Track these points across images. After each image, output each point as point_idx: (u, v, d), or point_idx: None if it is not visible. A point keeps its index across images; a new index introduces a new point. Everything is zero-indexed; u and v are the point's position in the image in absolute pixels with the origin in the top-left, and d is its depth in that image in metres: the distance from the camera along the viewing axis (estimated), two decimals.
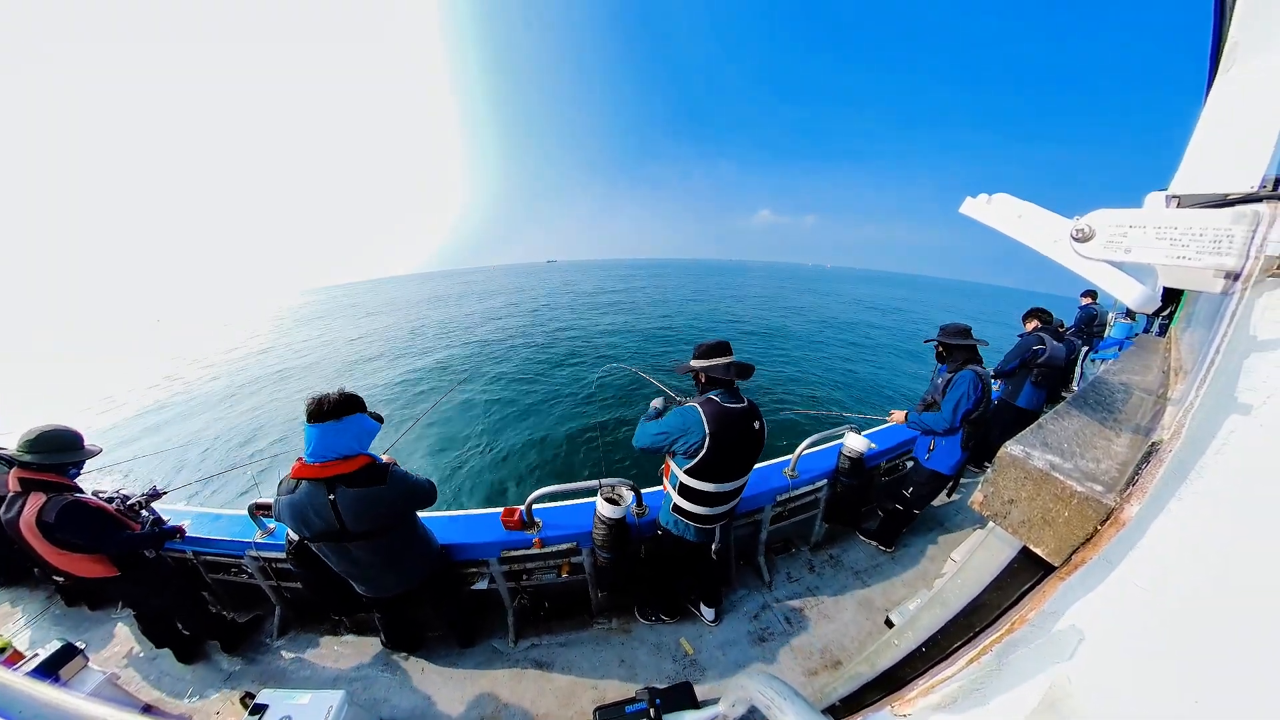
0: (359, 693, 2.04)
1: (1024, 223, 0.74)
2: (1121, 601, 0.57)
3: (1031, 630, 0.66)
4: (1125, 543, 0.56)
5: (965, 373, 2.37)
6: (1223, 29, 0.62)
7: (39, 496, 1.70)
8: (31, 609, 2.57)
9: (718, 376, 1.72)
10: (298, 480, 1.48)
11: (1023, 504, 0.61)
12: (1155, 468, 0.55)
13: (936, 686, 0.79)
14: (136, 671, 2.19)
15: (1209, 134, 0.61)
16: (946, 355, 2.51)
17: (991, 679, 0.70)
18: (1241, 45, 0.57)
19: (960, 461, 2.50)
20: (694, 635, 2.26)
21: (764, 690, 0.68)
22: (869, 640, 2.22)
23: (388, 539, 1.65)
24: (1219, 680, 0.48)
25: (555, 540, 2.11)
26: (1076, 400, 0.86)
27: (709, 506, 1.82)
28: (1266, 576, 0.47)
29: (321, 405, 1.45)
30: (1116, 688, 0.56)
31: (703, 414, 1.66)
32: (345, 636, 2.31)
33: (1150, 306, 0.64)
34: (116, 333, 45.45)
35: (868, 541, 2.87)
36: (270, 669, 2.19)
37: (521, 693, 2.01)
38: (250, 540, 2.21)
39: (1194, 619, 0.51)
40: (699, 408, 1.68)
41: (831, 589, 2.54)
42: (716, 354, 1.75)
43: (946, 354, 2.51)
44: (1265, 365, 0.50)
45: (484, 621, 2.32)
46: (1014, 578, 0.69)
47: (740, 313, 23.03)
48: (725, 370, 1.71)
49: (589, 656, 2.17)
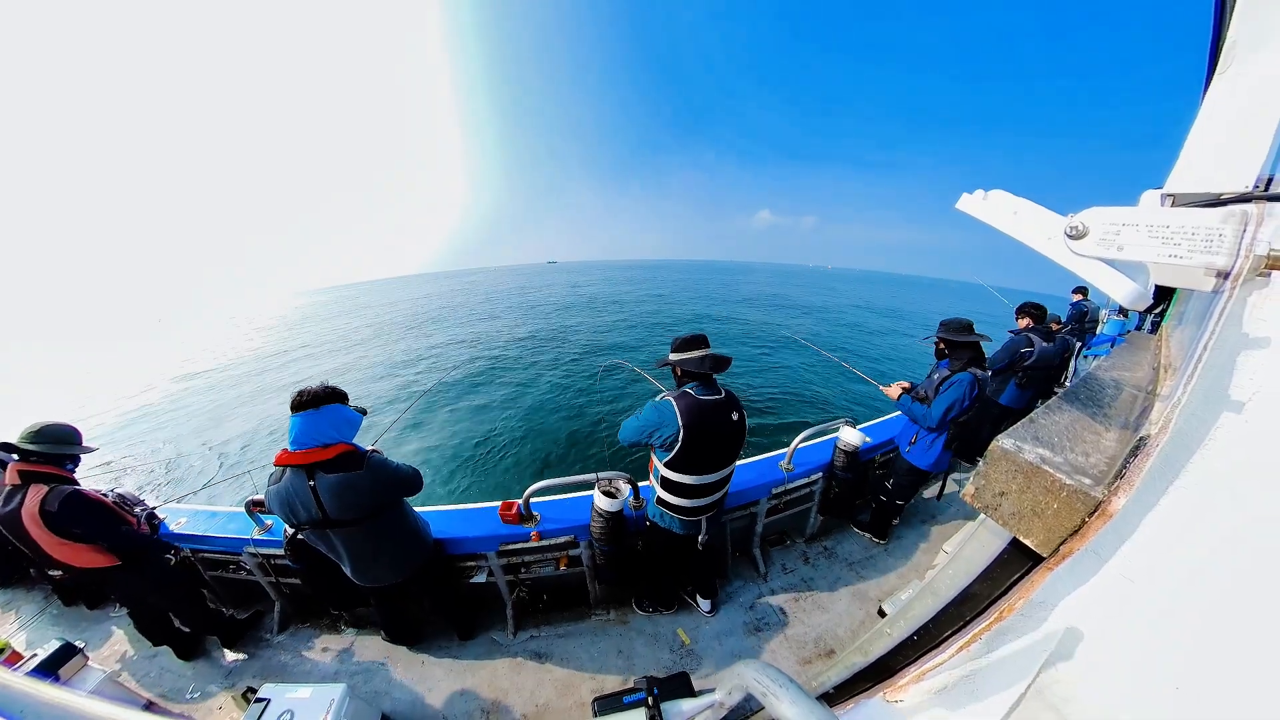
0: (360, 686, 2.06)
1: (1019, 219, 0.75)
2: (1107, 590, 0.58)
3: (1020, 619, 0.68)
4: (1112, 534, 0.57)
5: (965, 375, 2.25)
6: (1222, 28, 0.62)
7: (40, 488, 1.74)
8: (29, 610, 2.56)
9: (692, 370, 1.73)
10: (282, 469, 1.54)
11: (1013, 496, 0.63)
12: (1143, 461, 0.56)
13: (927, 674, 0.81)
14: (137, 669, 2.19)
15: (1205, 133, 0.62)
16: (949, 352, 2.37)
17: (981, 666, 0.72)
18: (1240, 45, 0.58)
19: (938, 459, 2.44)
20: (691, 626, 2.30)
21: (759, 678, 0.69)
22: (862, 630, 2.27)
23: (372, 526, 1.67)
24: (1200, 666, 0.50)
25: (553, 533, 2.12)
26: (1068, 395, 0.88)
27: (691, 499, 1.83)
28: (1249, 566, 0.48)
29: (302, 396, 1.53)
30: (1102, 673, 0.58)
31: (676, 407, 1.67)
32: (345, 631, 2.33)
33: (1142, 304, 0.65)
34: (115, 333, 44.66)
35: (861, 534, 2.91)
36: (271, 664, 2.21)
37: (521, 684, 2.03)
38: (248, 537, 2.21)
39: (1177, 607, 0.53)
40: (673, 401, 1.69)
41: (826, 580, 2.58)
42: (692, 347, 1.76)
43: (949, 351, 2.37)
44: (1252, 363, 0.51)
45: (483, 614, 2.35)
46: (1004, 568, 0.71)
47: (747, 316, 22.19)
48: (700, 363, 1.71)
49: (587, 647, 2.20)
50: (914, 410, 2.40)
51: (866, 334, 18.98)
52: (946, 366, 2.38)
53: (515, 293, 39.92)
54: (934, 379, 2.43)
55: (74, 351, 29.17)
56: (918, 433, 2.49)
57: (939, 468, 2.53)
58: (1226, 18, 0.61)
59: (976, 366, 2.30)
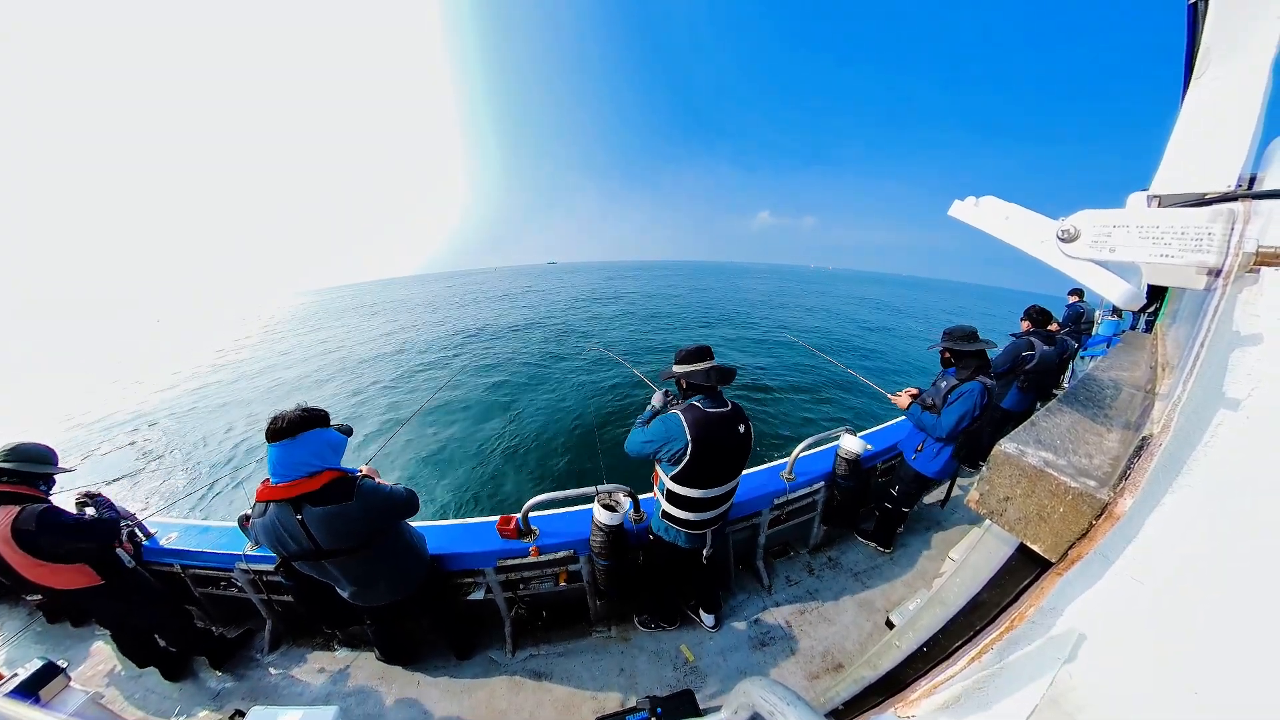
0: (353, 708, 1.99)
1: (1011, 224, 0.76)
2: (1117, 594, 0.57)
3: (1031, 627, 0.66)
4: (1120, 536, 0.56)
5: (975, 385, 2.21)
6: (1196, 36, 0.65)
7: (10, 509, 1.68)
8: (11, 627, 2.49)
9: (698, 382, 1.72)
10: (265, 504, 1.45)
11: (1018, 501, 0.62)
12: (1146, 461, 0.56)
13: (939, 687, 0.78)
14: (121, 690, 2.12)
15: (1186, 135, 0.64)
16: (955, 361, 2.35)
17: (994, 677, 0.70)
18: (1214, 50, 0.60)
19: (945, 467, 2.42)
20: (694, 641, 2.24)
21: (766, 696, 0.67)
22: (870, 642, 2.22)
23: (368, 554, 1.61)
24: (1214, 668, 0.49)
25: (552, 548, 2.09)
26: (1068, 397, 0.88)
27: (698, 512, 1.81)
28: (1257, 563, 0.48)
29: (277, 423, 1.41)
30: (1116, 680, 0.57)
31: (684, 421, 1.66)
32: (339, 650, 2.26)
33: (1135, 303, 0.66)
34: (115, 333, 44.45)
35: (866, 543, 2.87)
36: (261, 685, 2.14)
37: (520, 704, 1.97)
38: (240, 552, 2.16)
39: (1188, 607, 0.52)
40: (680, 415, 1.68)
41: (831, 591, 2.53)
42: (697, 359, 1.74)
43: (955, 360, 2.35)
44: (1248, 359, 0.52)
45: (480, 632, 2.28)
46: (1012, 575, 0.70)
47: (755, 318, 21.97)
48: (706, 376, 1.70)
49: (588, 666, 2.14)
50: (923, 420, 2.36)
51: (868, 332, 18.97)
52: (954, 374, 2.34)
53: (516, 294, 40.01)
54: (941, 387, 2.39)
55: (72, 353, 29.02)
56: (924, 440, 2.46)
57: (945, 475, 2.50)
58: (1200, 26, 0.64)
59: (983, 374, 2.27)
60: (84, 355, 25.59)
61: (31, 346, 38.33)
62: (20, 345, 36.23)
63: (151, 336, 33.87)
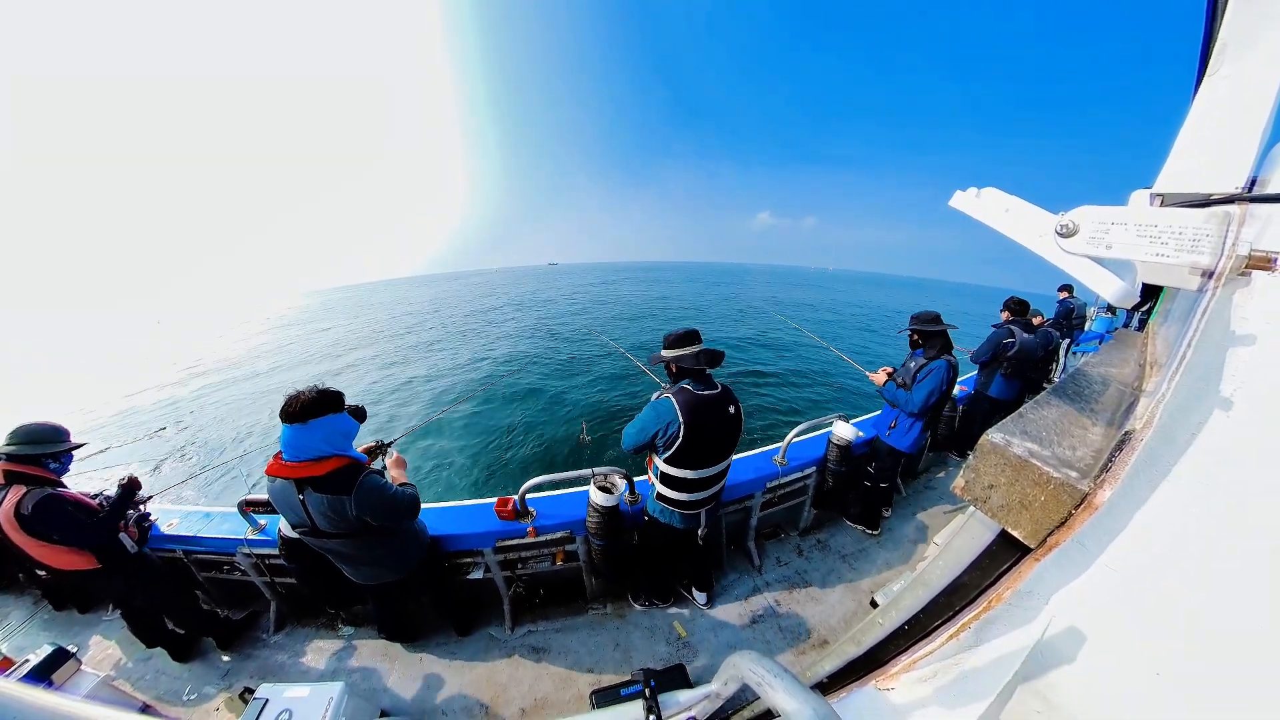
0: (358, 684, 2.06)
1: (1010, 216, 0.76)
2: (1092, 581, 0.60)
3: (1007, 609, 0.70)
4: (1097, 526, 0.59)
5: (940, 363, 2.45)
6: (1213, 30, 0.63)
7: (19, 489, 1.72)
8: (18, 615, 2.51)
9: (688, 366, 1.74)
10: (274, 477, 1.51)
11: (1002, 489, 0.64)
12: (1127, 455, 0.57)
13: (918, 662, 0.83)
14: (132, 673, 2.17)
15: (1195, 133, 0.63)
16: (923, 342, 2.57)
17: (970, 654, 0.74)
18: (1231, 45, 0.58)
19: (916, 440, 2.62)
20: (687, 618, 2.33)
21: (755, 668, 0.70)
22: (855, 620, 2.31)
23: (366, 538, 1.65)
24: (1179, 653, 0.52)
25: (549, 529, 2.13)
26: (1056, 390, 0.89)
27: (692, 493, 1.86)
28: (1230, 557, 0.50)
29: (292, 405, 1.43)
30: (1085, 660, 0.60)
31: (676, 404, 1.69)
32: (342, 630, 2.32)
33: (1129, 301, 0.66)
34: (115, 334, 43.41)
35: (854, 526, 2.96)
36: (268, 664, 2.20)
37: (519, 678, 2.05)
38: (242, 537, 2.19)
39: (1159, 596, 0.54)
40: (672, 398, 1.71)
41: (819, 572, 2.62)
42: (685, 343, 1.76)
43: (922, 341, 2.57)
44: (1235, 360, 0.53)
45: (480, 610, 2.35)
46: (992, 559, 0.73)
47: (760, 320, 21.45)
48: (695, 359, 1.73)
49: (584, 641, 2.21)
50: (897, 396, 2.60)
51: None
52: (921, 355, 2.56)
53: (517, 294, 39.49)
54: (910, 366, 2.61)
55: (73, 353, 28.43)
56: (897, 417, 2.65)
57: (916, 449, 2.69)
58: (1218, 19, 0.62)
59: (947, 353, 2.50)
60: (102, 352, 24.93)
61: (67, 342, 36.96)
62: (47, 340, 34.82)
63: (152, 337, 33.01)
